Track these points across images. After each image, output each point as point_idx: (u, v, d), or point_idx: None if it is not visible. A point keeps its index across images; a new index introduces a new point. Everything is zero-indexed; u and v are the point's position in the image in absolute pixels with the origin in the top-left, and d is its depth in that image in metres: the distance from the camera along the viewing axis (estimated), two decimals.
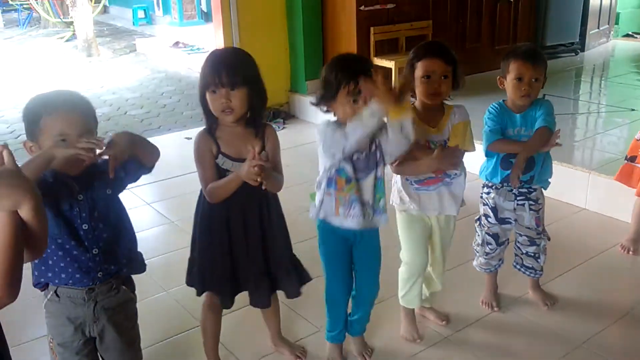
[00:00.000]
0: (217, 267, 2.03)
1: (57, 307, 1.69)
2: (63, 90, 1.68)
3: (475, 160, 2.41)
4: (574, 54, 7.00)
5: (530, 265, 2.52)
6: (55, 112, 1.58)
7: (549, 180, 2.42)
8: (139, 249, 1.83)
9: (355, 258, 2.11)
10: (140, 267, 1.83)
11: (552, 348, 2.31)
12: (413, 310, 2.40)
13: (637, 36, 8.03)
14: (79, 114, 1.60)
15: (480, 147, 2.34)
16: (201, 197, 2.00)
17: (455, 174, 2.16)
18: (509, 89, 2.29)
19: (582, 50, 7.12)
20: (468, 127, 2.16)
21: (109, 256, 1.69)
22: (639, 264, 2.92)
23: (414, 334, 2.37)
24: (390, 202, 2.23)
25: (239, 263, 2.03)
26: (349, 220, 1.97)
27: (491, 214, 2.43)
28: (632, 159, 2.93)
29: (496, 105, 2.36)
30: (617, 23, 7.96)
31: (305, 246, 3.13)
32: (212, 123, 1.93)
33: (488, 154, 2.37)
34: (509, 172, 2.32)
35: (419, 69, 2.07)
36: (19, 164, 1.16)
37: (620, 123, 4.53)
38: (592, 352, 2.28)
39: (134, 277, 1.87)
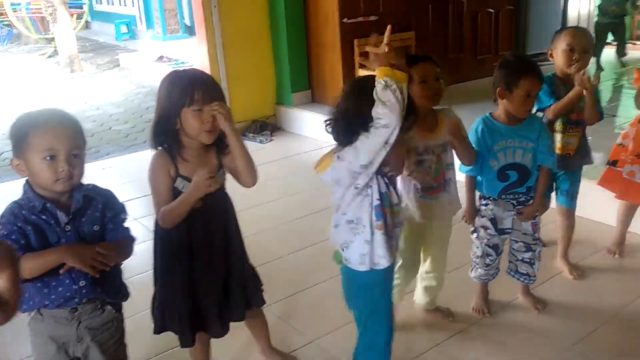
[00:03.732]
0: (177, 303, 1.94)
1: (40, 326, 1.67)
2: (50, 108, 1.67)
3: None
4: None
5: (525, 272, 2.54)
6: (44, 127, 1.57)
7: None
8: (128, 268, 1.81)
9: None
10: (124, 297, 1.80)
11: (544, 351, 2.33)
12: None
13: (614, 43, 8.17)
14: (68, 130, 1.60)
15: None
16: (158, 224, 1.92)
17: (450, 178, 2.24)
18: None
19: None
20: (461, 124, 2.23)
21: (96, 287, 1.66)
22: (625, 266, 2.96)
23: None
24: None
25: (199, 293, 1.95)
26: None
27: (490, 226, 2.42)
28: (613, 163, 2.98)
29: (481, 124, 2.33)
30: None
31: (298, 256, 3.15)
32: (173, 144, 1.83)
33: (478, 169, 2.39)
34: (506, 184, 2.34)
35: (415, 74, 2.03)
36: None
37: (601, 129, 4.58)
38: (583, 354, 2.30)
39: None
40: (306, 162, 4.71)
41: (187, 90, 1.78)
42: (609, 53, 6.77)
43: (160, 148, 1.87)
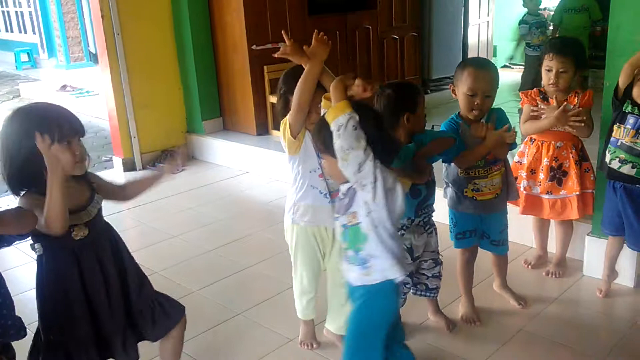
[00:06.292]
0: (81, 335, 1.84)
1: None
2: None
3: None
4: None
5: (435, 286, 2.56)
6: None
7: None
8: (22, 312, 1.68)
9: None
10: (18, 333, 1.68)
11: None
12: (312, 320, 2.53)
13: (514, 67, 8.69)
14: None
15: None
16: (40, 267, 1.84)
17: None
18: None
19: None
20: None
21: None
22: (528, 282, 3.08)
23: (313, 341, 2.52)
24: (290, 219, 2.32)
25: (101, 321, 1.87)
26: None
27: (408, 257, 2.41)
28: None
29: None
30: (494, 55, 8.57)
31: (209, 291, 3.05)
32: (41, 185, 1.68)
33: None
34: (419, 199, 2.34)
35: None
36: None
37: None
38: None
39: (16, 343, 1.72)
40: (219, 190, 4.63)
41: (52, 125, 1.69)
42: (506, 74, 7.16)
43: (29, 192, 1.74)
